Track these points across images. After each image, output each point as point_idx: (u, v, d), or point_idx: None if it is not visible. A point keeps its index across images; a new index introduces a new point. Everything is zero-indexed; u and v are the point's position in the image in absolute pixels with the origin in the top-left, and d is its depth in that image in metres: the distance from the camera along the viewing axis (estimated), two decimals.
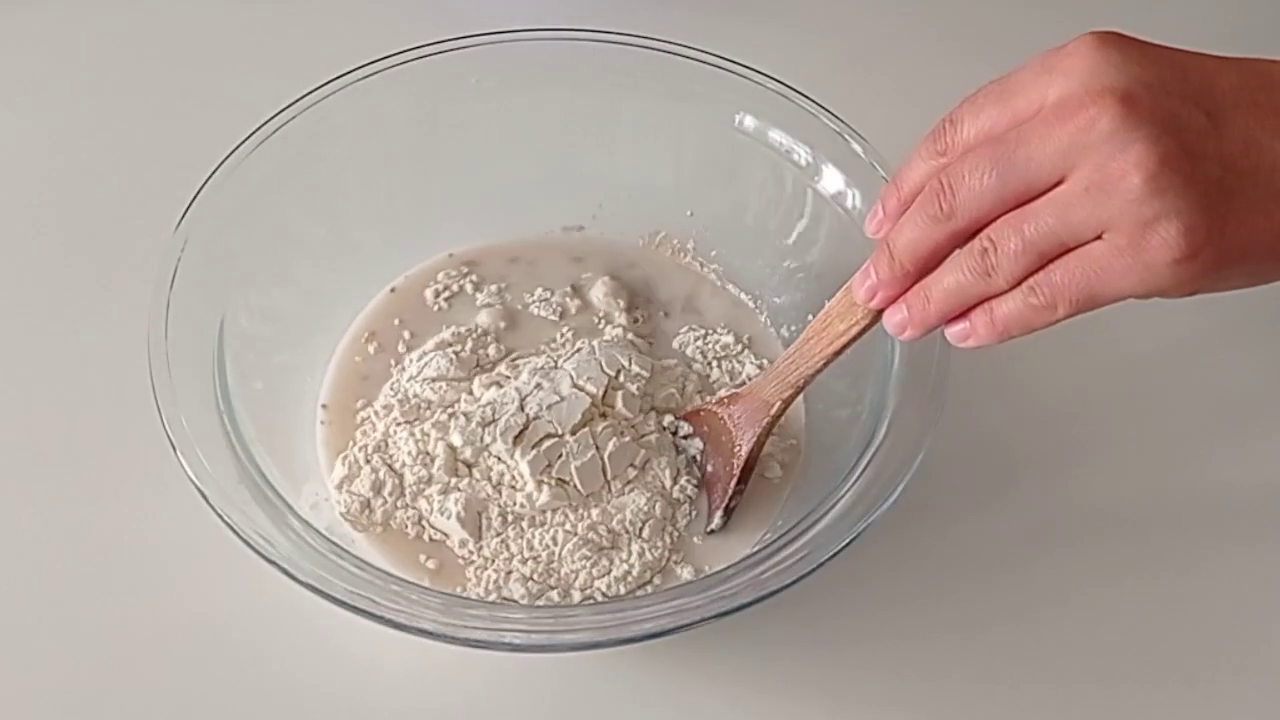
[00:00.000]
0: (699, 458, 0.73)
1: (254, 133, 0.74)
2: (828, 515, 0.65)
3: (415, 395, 0.74)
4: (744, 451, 0.71)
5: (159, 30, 0.93)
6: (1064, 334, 0.77)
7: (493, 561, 0.70)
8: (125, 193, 0.85)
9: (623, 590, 0.69)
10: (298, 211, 0.75)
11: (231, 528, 0.63)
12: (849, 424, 0.71)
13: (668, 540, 0.70)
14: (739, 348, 0.77)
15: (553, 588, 0.69)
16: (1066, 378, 0.79)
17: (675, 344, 0.78)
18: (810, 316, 0.75)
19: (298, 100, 0.75)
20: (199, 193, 0.72)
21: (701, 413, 0.73)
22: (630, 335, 0.77)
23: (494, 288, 0.79)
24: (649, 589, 0.69)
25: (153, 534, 0.72)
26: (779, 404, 0.70)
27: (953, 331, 0.60)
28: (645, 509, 0.70)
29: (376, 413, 0.74)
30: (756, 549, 0.68)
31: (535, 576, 0.69)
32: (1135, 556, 0.73)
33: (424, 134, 0.79)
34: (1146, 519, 0.75)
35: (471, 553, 0.70)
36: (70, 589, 0.71)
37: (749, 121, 0.77)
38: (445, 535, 0.71)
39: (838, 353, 0.66)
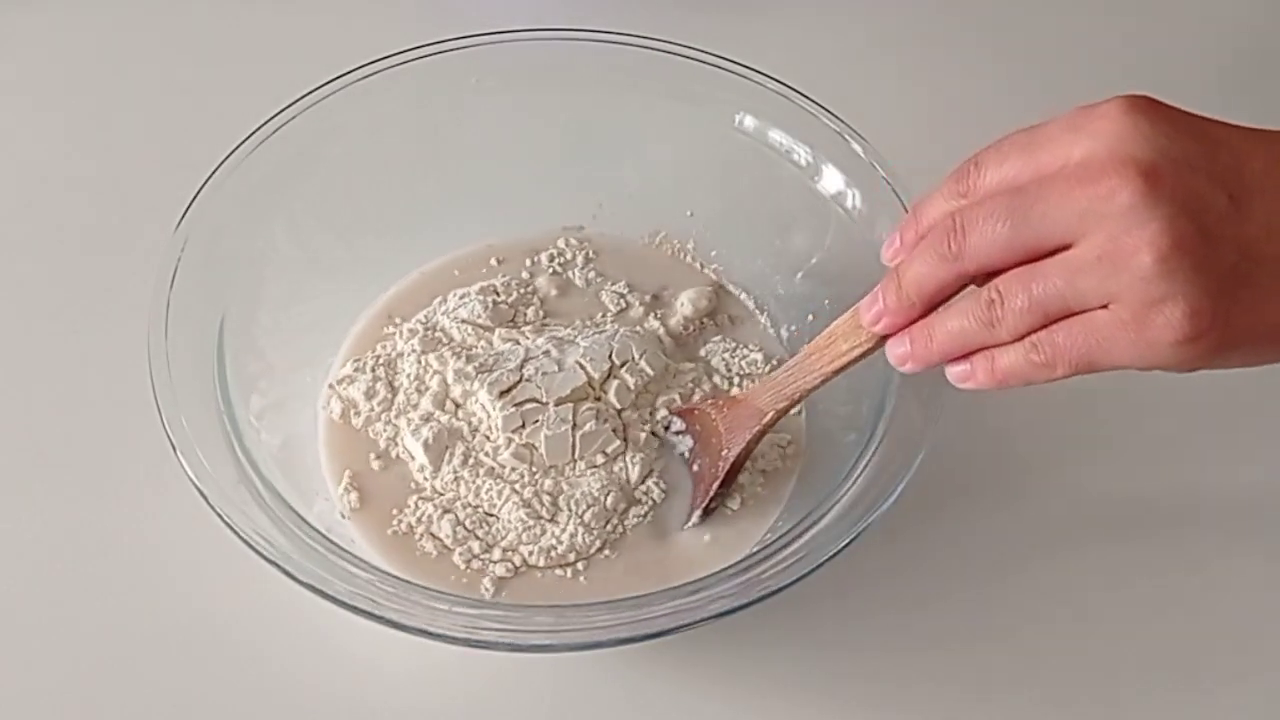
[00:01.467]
0: (687, 455, 0.73)
1: (254, 133, 0.74)
2: (827, 515, 0.65)
3: (441, 329, 0.76)
4: (731, 455, 0.71)
5: (159, 30, 0.93)
6: None
7: (438, 495, 0.71)
8: (125, 193, 0.85)
9: (542, 563, 0.69)
10: (298, 211, 0.75)
11: (231, 528, 0.63)
12: (849, 424, 0.71)
13: (607, 531, 0.70)
14: (766, 367, 0.76)
15: (478, 539, 0.69)
16: (1067, 379, 0.79)
17: (702, 351, 0.78)
18: (810, 317, 0.75)
19: (298, 100, 0.75)
20: (199, 193, 0.72)
21: (695, 411, 0.73)
22: (662, 332, 0.77)
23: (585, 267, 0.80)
24: (568, 571, 0.69)
25: (153, 534, 0.72)
26: (772, 414, 0.70)
27: (953, 372, 0.61)
28: (596, 495, 0.70)
29: (401, 333, 0.76)
30: (756, 549, 0.68)
31: (467, 523, 0.70)
32: (1136, 556, 0.73)
33: (424, 134, 0.79)
34: (1147, 519, 0.75)
35: (425, 480, 0.71)
36: (70, 589, 0.71)
37: (749, 121, 0.77)
38: (411, 457, 0.72)
39: (837, 371, 0.66)
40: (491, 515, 0.70)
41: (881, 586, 0.72)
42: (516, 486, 0.71)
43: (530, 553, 0.69)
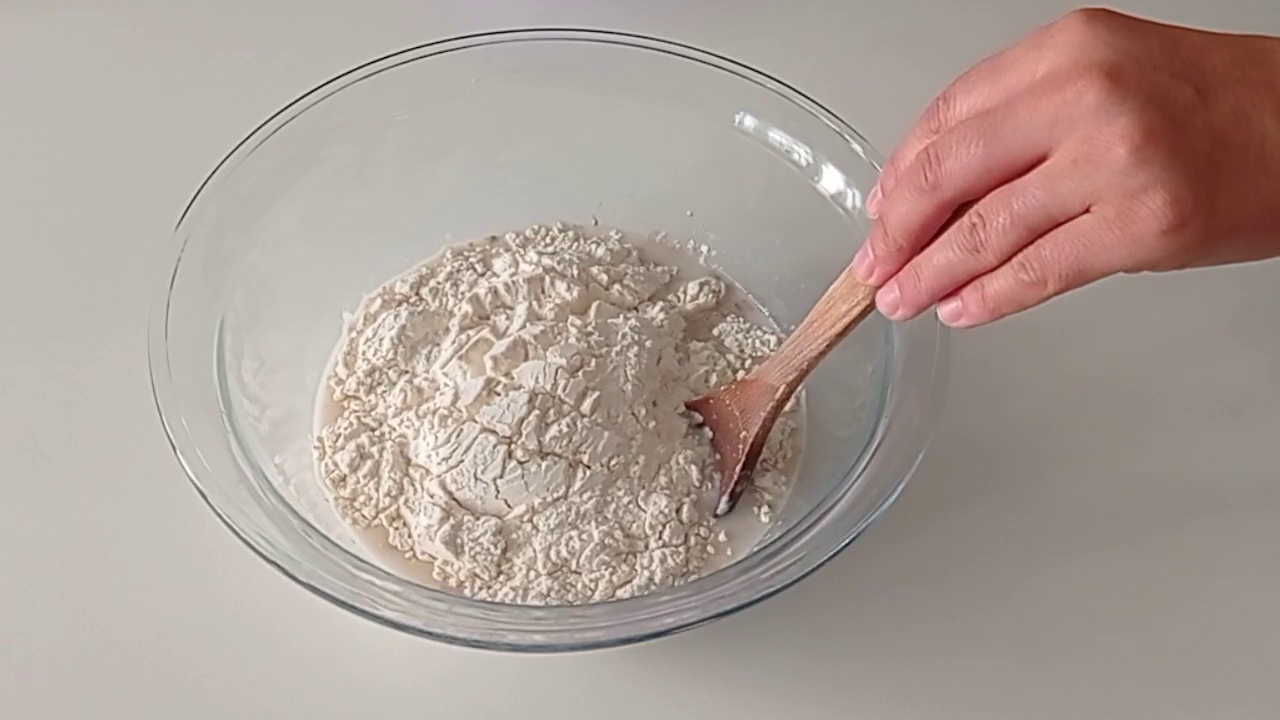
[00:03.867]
0: (710, 446, 0.73)
1: (254, 133, 0.74)
2: (827, 515, 0.65)
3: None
4: (750, 436, 0.71)
5: (159, 30, 0.93)
6: (1063, 334, 0.78)
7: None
8: (125, 193, 0.85)
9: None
10: (297, 211, 0.75)
11: (231, 528, 0.63)
12: (849, 424, 0.71)
13: (690, 547, 0.70)
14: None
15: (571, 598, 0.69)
16: (1066, 378, 0.79)
17: (715, 330, 0.78)
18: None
19: (298, 100, 0.75)
20: (199, 193, 0.72)
21: (710, 400, 0.73)
22: (661, 319, 0.76)
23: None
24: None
25: (153, 534, 0.72)
26: (784, 388, 0.70)
27: (945, 310, 0.60)
28: (666, 510, 0.70)
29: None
30: (756, 549, 0.68)
31: (553, 594, 0.69)
32: (1137, 555, 0.73)
33: (424, 134, 0.79)
34: (1148, 518, 0.75)
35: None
36: (70, 589, 0.71)
37: (749, 121, 0.77)
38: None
39: (841, 334, 0.66)
40: (573, 572, 0.69)
41: (881, 587, 0.72)
42: (581, 536, 0.69)
43: (627, 593, 0.68)
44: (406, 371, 0.74)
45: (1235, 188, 0.55)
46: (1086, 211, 0.56)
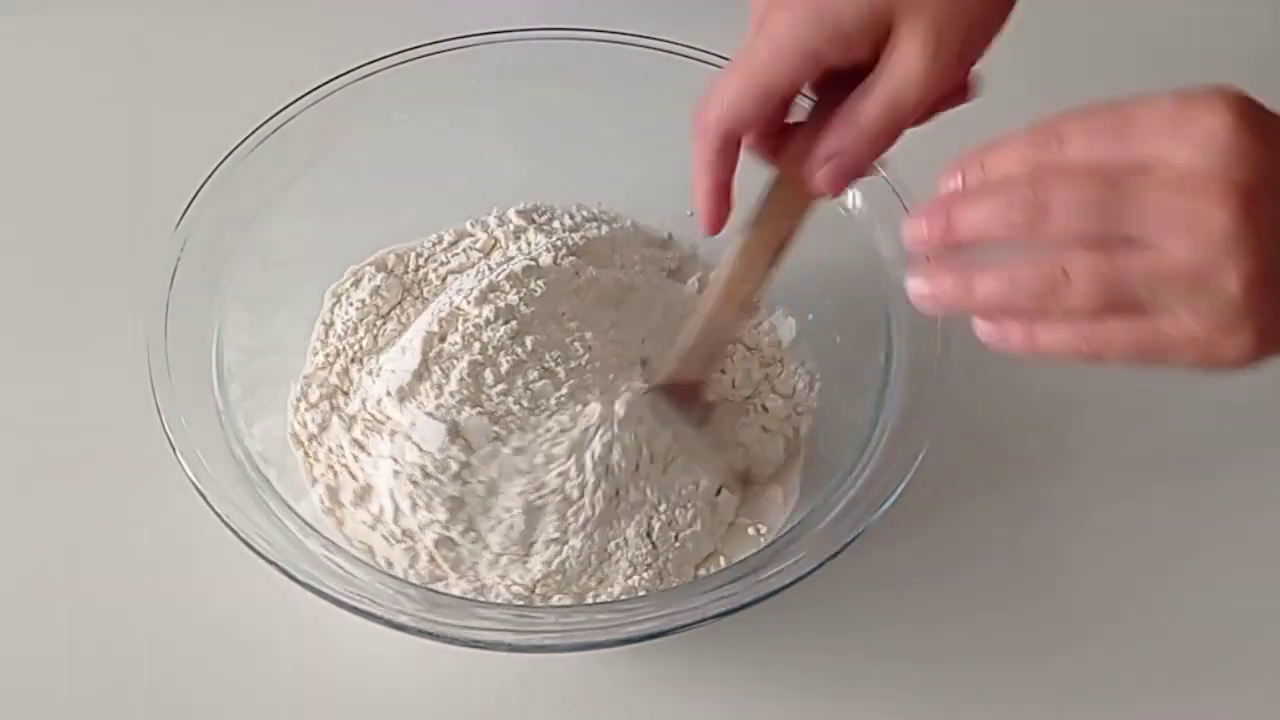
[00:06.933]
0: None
1: (254, 132, 0.74)
2: (828, 516, 0.65)
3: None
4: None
5: (159, 31, 0.93)
6: None
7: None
8: (125, 193, 0.85)
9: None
10: (297, 211, 0.75)
11: (231, 528, 0.63)
12: (849, 424, 0.71)
13: (676, 547, 0.70)
14: (786, 343, 0.76)
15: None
16: (1067, 378, 0.78)
17: None
18: (810, 316, 0.75)
19: (298, 100, 0.75)
20: (199, 193, 0.72)
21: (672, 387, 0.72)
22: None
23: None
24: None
25: (153, 534, 0.72)
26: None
27: (984, 330, 0.57)
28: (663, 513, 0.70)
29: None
30: (756, 549, 0.68)
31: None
32: (1135, 557, 0.73)
33: (423, 133, 0.79)
34: (1147, 520, 0.75)
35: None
36: (70, 589, 0.71)
37: None
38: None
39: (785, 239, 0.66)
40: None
41: (881, 587, 0.72)
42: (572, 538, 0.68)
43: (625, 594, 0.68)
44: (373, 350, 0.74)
45: None
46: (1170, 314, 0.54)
